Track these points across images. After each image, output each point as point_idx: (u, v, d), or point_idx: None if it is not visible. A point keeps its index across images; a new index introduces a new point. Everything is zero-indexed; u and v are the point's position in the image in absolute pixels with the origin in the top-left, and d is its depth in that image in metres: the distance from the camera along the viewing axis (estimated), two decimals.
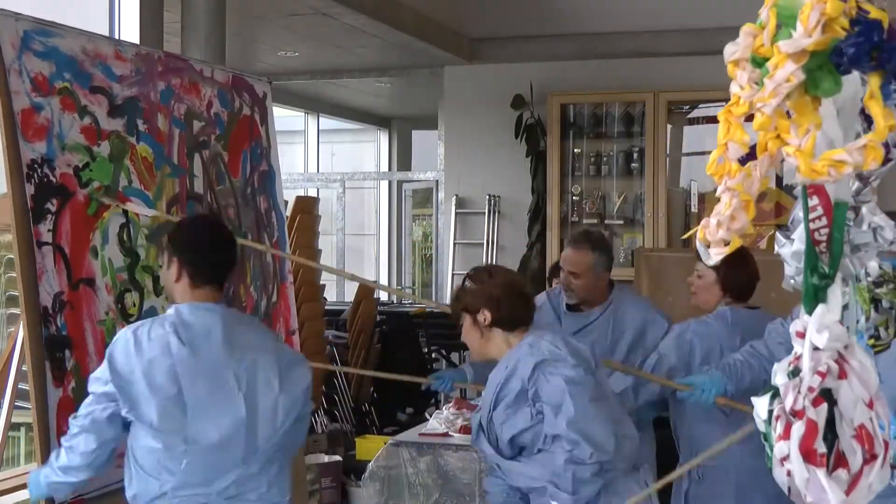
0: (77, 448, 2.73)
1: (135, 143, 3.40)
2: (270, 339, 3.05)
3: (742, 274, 3.69)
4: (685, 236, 4.59)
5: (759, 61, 1.24)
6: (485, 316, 3.01)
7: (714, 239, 1.30)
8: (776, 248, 1.50)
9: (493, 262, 8.45)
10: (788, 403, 1.25)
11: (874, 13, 1.18)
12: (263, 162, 4.20)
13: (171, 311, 2.82)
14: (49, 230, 2.99)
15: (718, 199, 1.32)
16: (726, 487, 3.59)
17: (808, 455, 1.23)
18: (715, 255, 1.32)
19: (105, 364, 2.71)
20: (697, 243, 1.34)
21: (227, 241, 2.97)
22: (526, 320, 3.05)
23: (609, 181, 8.16)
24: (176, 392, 2.72)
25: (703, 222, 1.33)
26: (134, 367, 2.69)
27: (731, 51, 1.26)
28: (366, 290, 7.71)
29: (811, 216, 1.29)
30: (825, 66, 1.19)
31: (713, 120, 8.40)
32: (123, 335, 2.74)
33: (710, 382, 3.32)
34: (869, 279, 2.09)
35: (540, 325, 3.16)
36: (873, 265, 1.42)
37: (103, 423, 2.71)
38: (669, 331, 3.82)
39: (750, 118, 1.26)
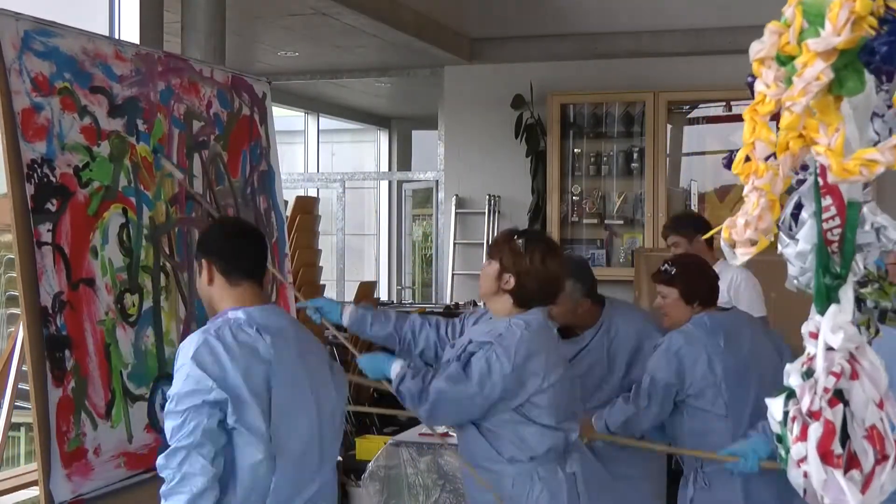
0: (195, 468, 2.45)
1: (134, 143, 3.39)
2: (317, 341, 2.95)
3: (701, 282, 3.68)
4: (707, 235, 4.55)
5: (783, 59, 1.24)
6: (509, 282, 3.04)
7: (741, 239, 1.29)
8: (779, 248, 1.50)
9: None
10: (805, 405, 1.24)
11: None
12: (263, 162, 4.20)
13: (238, 313, 2.65)
14: (49, 230, 2.98)
15: (743, 199, 1.31)
16: (734, 494, 3.53)
17: (825, 456, 1.22)
18: (741, 256, 1.32)
19: (196, 373, 2.50)
20: (723, 244, 1.33)
21: (253, 234, 2.88)
22: (540, 305, 3.09)
23: (609, 181, 8.16)
24: (269, 399, 2.58)
25: (727, 222, 1.32)
26: (228, 372, 2.52)
27: (757, 49, 1.25)
28: (365, 290, 7.70)
29: (824, 216, 1.28)
30: (851, 65, 1.19)
31: (713, 120, 8.44)
32: (201, 341, 2.55)
33: (753, 449, 3.33)
34: (854, 278, 2.09)
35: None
36: (859, 265, 1.42)
37: (215, 431, 2.49)
38: (656, 348, 3.73)
39: (774, 117, 1.25)
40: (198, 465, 2.46)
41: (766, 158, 1.26)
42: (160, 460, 2.52)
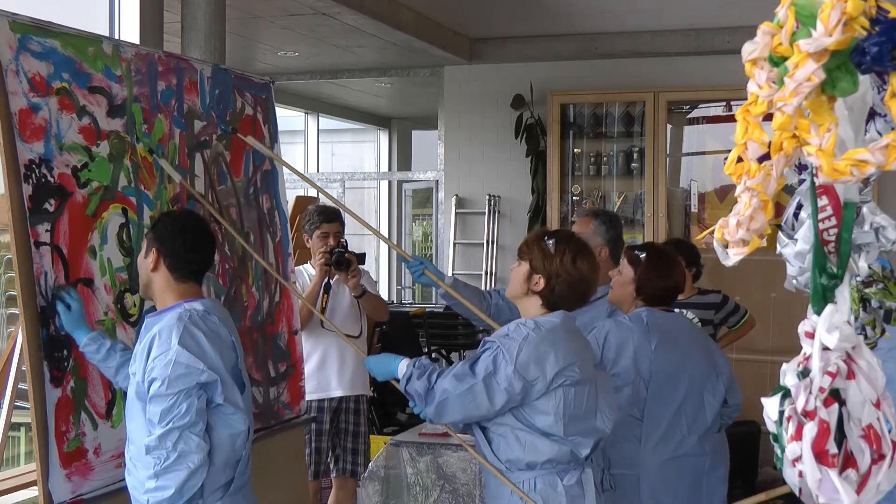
0: (191, 446, 2.69)
1: (134, 143, 3.39)
2: None
3: (659, 282, 3.62)
4: (699, 237, 4.59)
5: (776, 60, 1.23)
6: (538, 283, 2.99)
7: (733, 239, 1.29)
8: (778, 248, 1.49)
9: (561, 243, 8.41)
10: (800, 404, 1.24)
11: (894, 12, 1.18)
12: (266, 161, 4.19)
13: (196, 305, 2.87)
14: (47, 230, 2.98)
15: (737, 200, 1.31)
16: (635, 499, 3.48)
17: (820, 456, 1.22)
18: (734, 256, 1.31)
19: (185, 358, 2.72)
20: (715, 243, 1.33)
21: (208, 238, 3.03)
22: (569, 310, 3.03)
23: (609, 181, 8.16)
24: (241, 378, 2.92)
25: (720, 222, 1.32)
26: (210, 355, 2.77)
27: (750, 49, 1.25)
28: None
29: (820, 216, 1.28)
30: (844, 66, 1.19)
31: (713, 120, 8.46)
32: (182, 328, 2.76)
33: None
34: (858, 279, 2.10)
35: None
36: (862, 265, 1.41)
37: (203, 410, 2.74)
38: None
39: (767, 117, 1.25)
40: (193, 444, 2.68)
41: (760, 159, 1.26)
42: (151, 442, 2.68)
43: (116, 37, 5.32)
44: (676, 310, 4.87)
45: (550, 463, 2.92)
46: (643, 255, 3.65)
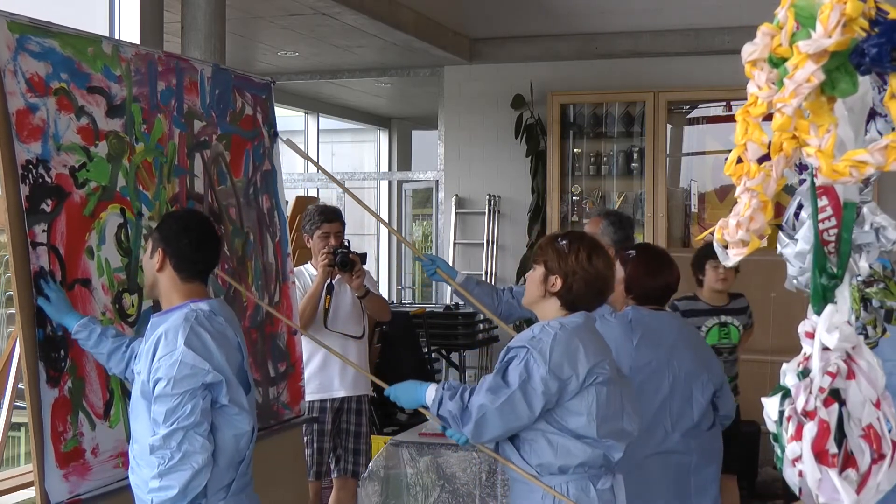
0: (195, 446, 2.69)
1: (133, 143, 3.38)
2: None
3: (649, 281, 3.64)
4: (699, 238, 4.61)
5: (776, 61, 1.23)
6: (555, 284, 2.96)
7: (733, 240, 1.29)
8: (778, 248, 1.49)
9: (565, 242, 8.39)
10: (800, 404, 1.24)
11: (893, 13, 1.18)
12: (266, 161, 4.19)
13: (202, 305, 2.87)
14: (44, 231, 2.97)
15: (737, 200, 1.30)
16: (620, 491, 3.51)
17: (820, 455, 1.22)
18: (733, 256, 1.31)
19: (191, 358, 2.73)
20: (715, 244, 1.33)
21: (214, 239, 3.03)
22: (588, 309, 3.02)
23: (609, 181, 8.16)
24: (246, 379, 2.94)
25: (720, 223, 1.32)
26: (216, 356, 2.77)
27: (750, 51, 1.25)
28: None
29: (820, 217, 1.28)
30: (843, 67, 1.19)
31: (713, 120, 8.44)
32: (188, 329, 2.77)
33: None
34: (859, 278, 2.10)
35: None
36: (863, 265, 1.41)
37: (208, 411, 2.75)
38: None
39: (767, 118, 1.25)
40: (197, 444, 2.68)
41: (760, 160, 1.25)
42: (156, 442, 2.69)
43: (116, 37, 5.32)
44: (722, 317, 4.90)
45: (583, 467, 2.89)
46: (631, 255, 3.68)
